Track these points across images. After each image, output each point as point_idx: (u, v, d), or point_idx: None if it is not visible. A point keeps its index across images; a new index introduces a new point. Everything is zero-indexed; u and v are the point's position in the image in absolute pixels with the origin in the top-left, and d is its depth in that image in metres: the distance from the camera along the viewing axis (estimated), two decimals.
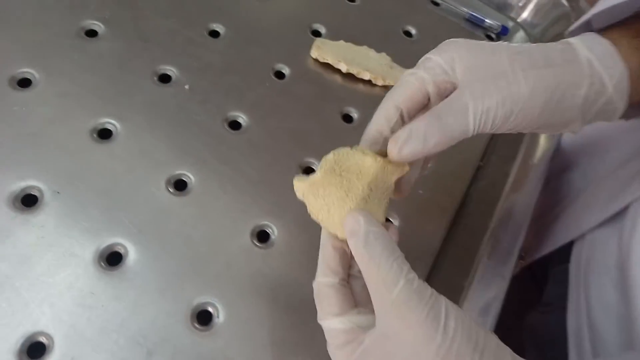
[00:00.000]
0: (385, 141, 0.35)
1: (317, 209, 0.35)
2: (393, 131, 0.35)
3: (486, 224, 0.52)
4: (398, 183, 0.37)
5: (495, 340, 0.31)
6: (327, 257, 0.35)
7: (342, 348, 0.33)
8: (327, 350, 0.35)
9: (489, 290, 0.47)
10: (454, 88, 0.35)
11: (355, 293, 0.35)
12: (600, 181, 0.58)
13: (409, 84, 0.36)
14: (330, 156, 0.34)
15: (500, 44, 0.36)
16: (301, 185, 0.35)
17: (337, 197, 0.34)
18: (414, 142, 0.33)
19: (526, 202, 0.55)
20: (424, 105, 0.36)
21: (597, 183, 0.58)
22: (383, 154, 0.35)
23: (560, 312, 0.56)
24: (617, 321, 0.47)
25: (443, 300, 0.31)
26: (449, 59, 0.35)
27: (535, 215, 0.68)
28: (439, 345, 0.29)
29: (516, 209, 0.54)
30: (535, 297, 0.65)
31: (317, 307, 0.35)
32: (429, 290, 0.31)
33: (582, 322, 0.51)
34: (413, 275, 0.31)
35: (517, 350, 0.31)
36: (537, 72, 0.34)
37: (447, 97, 0.35)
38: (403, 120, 0.36)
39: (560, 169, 0.66)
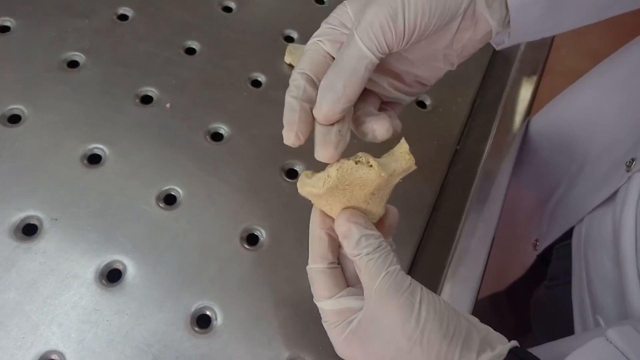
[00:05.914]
0: (303, 108, 0.34)
1: (320, 206, 0.37)
2: (308, 98, 0.34)
3: (463, 205, 0.54)
4: None
5: (466, 326, 0.33)
6: (316, 245, 0.38)
7: (334, 327, 0.36)
8: (321, 340, 0.37)
9: (469, 266, 0.50)
10: None
11: (349, 273, 0.38)
12: (589, 167, 0.60)
13: (308, 52, 0.36)
14: (333, 174, 0.33)
15: None
16: (304, 191, 0.36)
17: (340, 202, 0.36)
18: (327, 95, 0.33)
19: (500, 181, 0.57)
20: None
21: (587, 169, 0.60)
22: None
23: (565, 286, 0.58)
24: (614, 293, 0.49)
25: (419, 290, 0.33)
26: (344, 12, 0.35)
27: (539, 203, 0.70)
28: (412, 329, 0.32)
29: (491, 187, 0.56)
30: (543, 274, 0.67)
31: (312, 290, 0.38)
32: (407, 281, 0.34)
33: (584, 294, 0.53)
34: (395, 267, 0.34)
35: (524, 327, 0.33)
36: None
37: None
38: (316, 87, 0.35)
39: (548, 152, 0.68)
